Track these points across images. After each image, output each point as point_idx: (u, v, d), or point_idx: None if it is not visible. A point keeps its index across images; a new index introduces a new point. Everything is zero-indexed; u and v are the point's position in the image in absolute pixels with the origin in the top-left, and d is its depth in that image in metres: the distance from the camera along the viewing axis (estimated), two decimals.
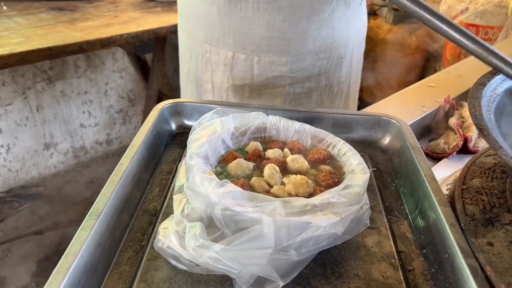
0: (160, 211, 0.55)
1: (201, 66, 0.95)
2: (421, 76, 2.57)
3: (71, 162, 2.32)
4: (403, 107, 0.85)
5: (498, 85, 0.52)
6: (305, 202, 0.46)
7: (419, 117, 0.82)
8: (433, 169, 0.80)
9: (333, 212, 0.46)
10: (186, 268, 0.45)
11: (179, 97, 1.11)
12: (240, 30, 0.84)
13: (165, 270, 0.47)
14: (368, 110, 0.84)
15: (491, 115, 0.47)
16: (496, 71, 0.55)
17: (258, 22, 0.82)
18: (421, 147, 0.87)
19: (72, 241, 0.44)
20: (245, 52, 0.86)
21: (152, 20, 1.56)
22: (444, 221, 0.49)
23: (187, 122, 0.72)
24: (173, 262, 0.46)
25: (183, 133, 0.71)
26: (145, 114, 1.91)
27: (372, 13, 2.80)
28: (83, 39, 1.26)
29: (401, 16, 2.54)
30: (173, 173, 0.62)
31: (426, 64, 2.63)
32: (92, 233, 0.45)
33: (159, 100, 2.35)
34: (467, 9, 2.13)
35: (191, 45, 0.96)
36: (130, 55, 2.23)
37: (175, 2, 1.05)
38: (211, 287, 0.45)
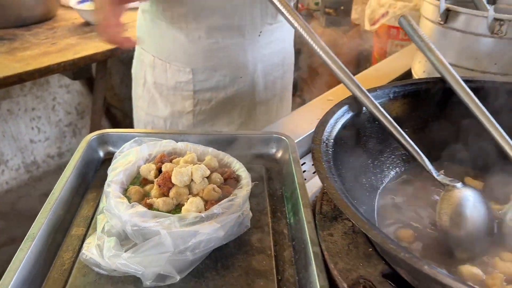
0: (88, 229, 0.69)
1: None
2: (354, 74, 2.78)
3: (24, 177, 2.37)
4: (301, 123, 1.01)
5: (340, 117, 0.68)
6: (195, 216, 0.61)
7: (311, 131, 0.99)
8: None
9: (217, 221, 0.61)
10: (106, 273, 0.59)
11: (128, 107, 1.29)
12: None
13: (91, 275, 0.61)
14: (270, 128, 1.00)
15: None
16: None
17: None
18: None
19: (13, 260, 0.57)
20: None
21: (88, 47, 1.64)
22: (304, 219, 0.65)
23: (113, 149, 0.85)
24: (96, 269, 0.60)
25: (110, 159, 0.84)
26: (92, 129, 1.99)
27: (310, 16, 3.00)
28: (22, 70, 1.34)
29: (333, 19, 2.74)
30: (100, 196, 0.75)
31: (359, 64, 2.85)
32: (28, 253, 0.58)
33: (108, 111, 2.43)
34: (387, 13, 2.35)
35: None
36: None
37: None
38: (127, 285, 0.59)
